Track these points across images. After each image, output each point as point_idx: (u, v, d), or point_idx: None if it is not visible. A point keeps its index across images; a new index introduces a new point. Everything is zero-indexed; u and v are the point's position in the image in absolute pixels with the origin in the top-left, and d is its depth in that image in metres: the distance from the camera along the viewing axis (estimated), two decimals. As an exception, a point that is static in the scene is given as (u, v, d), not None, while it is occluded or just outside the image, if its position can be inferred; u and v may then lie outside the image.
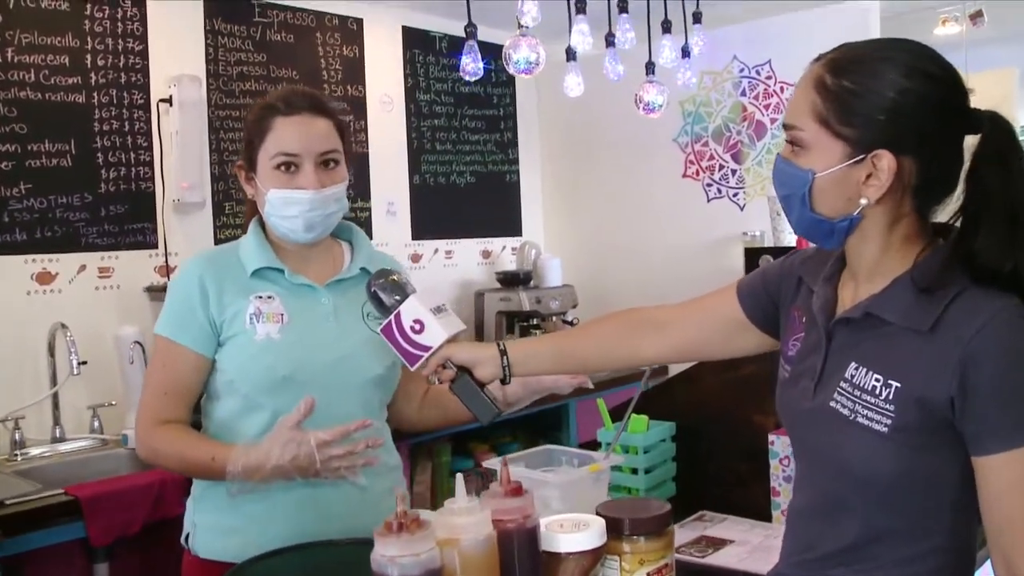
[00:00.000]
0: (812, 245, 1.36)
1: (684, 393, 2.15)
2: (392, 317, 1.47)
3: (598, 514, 1.28)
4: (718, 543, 1.79)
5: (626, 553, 1.26)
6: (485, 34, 3.07)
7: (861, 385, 1.19)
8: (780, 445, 1.92)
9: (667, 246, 4.21)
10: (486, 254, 4.39)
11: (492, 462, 1.76)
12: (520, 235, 4.56)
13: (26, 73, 2.89)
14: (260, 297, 1.68)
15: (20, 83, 2.87)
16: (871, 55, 1.18)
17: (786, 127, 1.23)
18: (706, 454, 2.12)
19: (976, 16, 4.17)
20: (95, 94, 3.05)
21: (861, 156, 1.15)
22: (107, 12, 3.07)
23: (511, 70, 3.00)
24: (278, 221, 1.69)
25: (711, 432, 2.11)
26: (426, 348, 1.46)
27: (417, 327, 1.46)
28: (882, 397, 1.16)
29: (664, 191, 4.23)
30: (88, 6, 3.03)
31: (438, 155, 4.16)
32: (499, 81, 4.42)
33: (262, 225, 1.76)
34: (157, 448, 1.65)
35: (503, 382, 1.52)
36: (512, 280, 4.03)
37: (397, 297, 1.49)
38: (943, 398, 1.12)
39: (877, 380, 1.17)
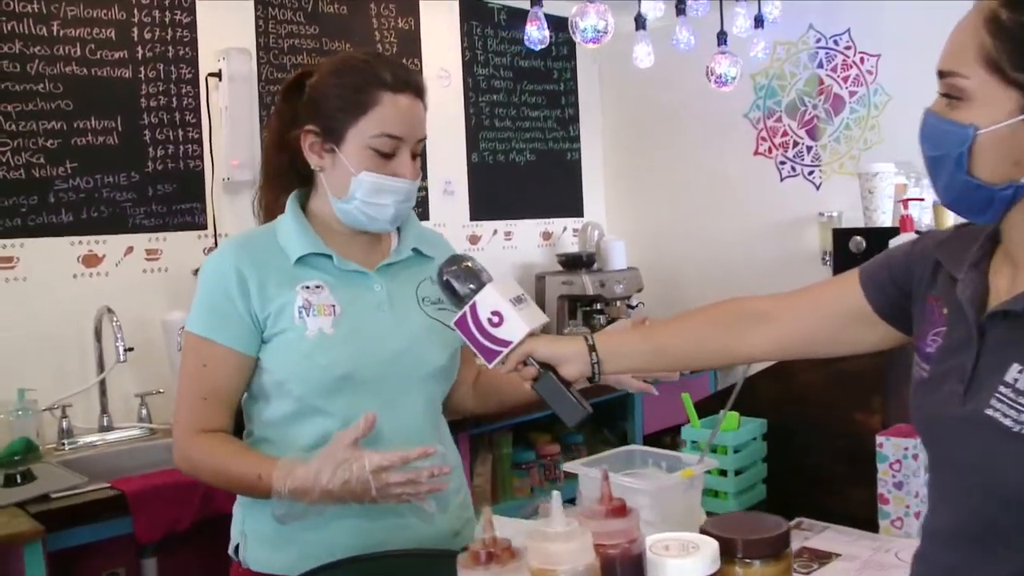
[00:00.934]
0: (949, 223, 1.18)
1: (777, 387, 1.96)
2: (467, 308, 1.30)
3: (706, 533, 1.11)
4: (823, 556, 1.60)
5: (741, 580, 1.09)
6: (547, 5, 2.89)
7: None
8: (890, 448, 1.72)
9: (737, 227, 3.99)
10: (546, 236, 4.21)
11: (572, 465, 1.59)
12: (581, 216, 4.36)
13: (72, 48, 2.76)
14: (308, 287, 1.48)
15: (66, 58, 2.75)
16: None
17: (942, 75, 1.03)
18: (800, 455, 1.93)
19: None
20: (142, 69, 2.92)
21: None
22: (154, -17, 2.94)
23: (578, 39, 2.82)
24: (361, 207, 1.49)
25: (807, 431, 1.92)
26: (506, 343, 1.30)
27: (495, 319, 1.30)
28: None
29: (734, 169, 4.01)
30: (135, -23, 2.90)
31: (497, 132, 3.98)
32: (560, 55, 4.23)
33: (301, 205, 1.57)
34: (196, 460, 1.47)
35: (591, 380, 1.35)
36: (574, 263, 3.85)
37: (472, 286, 1.33)
38: None
39: None
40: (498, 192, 3.99)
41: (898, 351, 1.84)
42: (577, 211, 4.36)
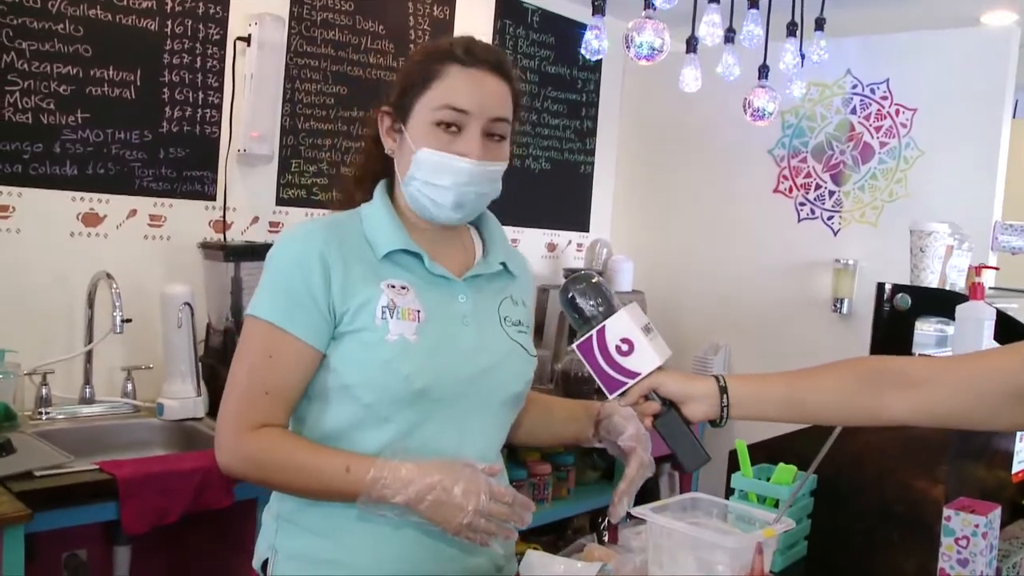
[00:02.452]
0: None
1: (834, 443, 1.86)
2: (594, 332, 1.20)
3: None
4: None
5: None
6: (575, 12, 2.77)
7: None
8: (958, 522, 1.63)
9: (747, 263, 3.91)
10: (551, 247, 4.09)
11: (641, 510, 1.47)
12: (587, 231, 4.25)
13: (98, -11, 2.58)
14: (393, 287, 1.35)
15: (90, 0, 2.57)
16: None
17: None
18: (850, 516, 1.83)
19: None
20: (169, 23, 2.74)
21: None
22: (192, -67, 2.77)
23: (631, 54, 2.71)
24: (421, 188, 1.37)
25: (858, 492, 1.82)
26: (633, 374, 1.23)
27: (624, 347, 1.23)
28: None
29: (750, 204, 3.93)
30: (173, -76, 2.72)
31: (516, 136, 3.85)
32: (586, 65, 4.11)
33: (390, 194, 1.45)
34: (256, 456, 1.30)
35: (715, 424, 1.24)
36: (581, 280, 3.73)
37: (601, 308, 1.21)
38: None
39: None
40: (509, 197, 3.80)
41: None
42: (584, 226, 4.24)
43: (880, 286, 2.48)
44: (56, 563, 2.44)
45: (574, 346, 1.25)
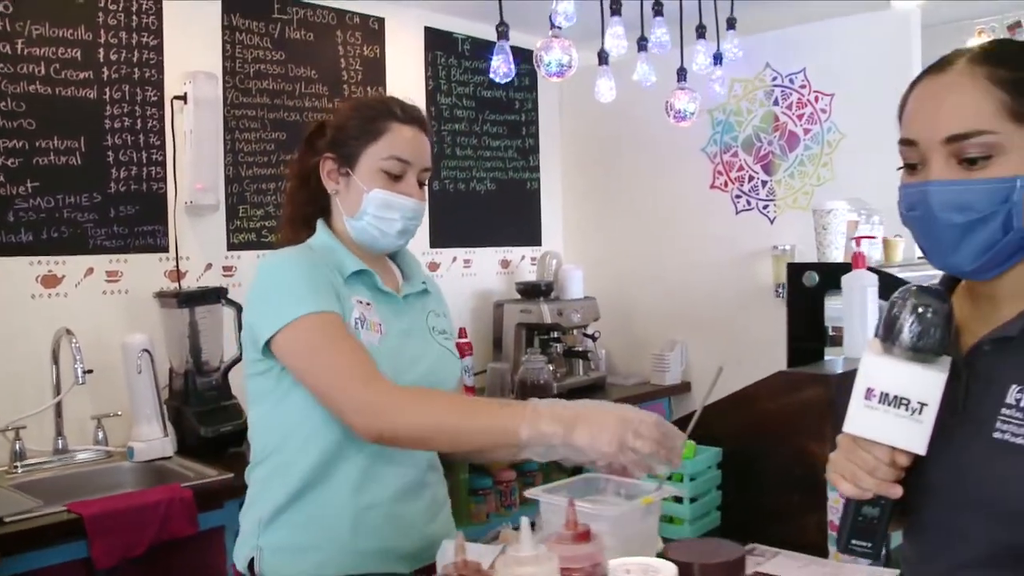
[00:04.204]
0: (898, 259, 1.22)
1: (732, 418, 2.01)
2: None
3: (666, 558, 1.15)
4: (776, 583, 1.65)
5: (700, 603, 1.13)
6: (512, 37, 2.94)
7: None
8: (841, 476, 1.77)
9: (693, 259, 4.07)
10: (505, 264, 4.25)
11: (534, 492, 1.62)
12: (540, 245, 4.41)
13: (35, 66, 2.75)
14: (361, 302, 1.61)
15: (29, 76, 2.74)
16: None
17: (954, 140, 1.04)
18: (755, 483, 1.98)
19: (1015, 26, 4.04)
20: (107, 90, 2.92)
21: None
22: (121, 4, 2.94)
23: (542, 73, 2.87)
24: (371, 222, 1.64)
25: (760, 460, 1.97)
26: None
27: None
28: None
29: (691, 202, 4.09)
30: (102, -2, 2.90)
31: (458, 160, 4.02)
32: (522, 86, 4.29)
33: (329, 227, 1.71)
34: (428, 402, 1.49)
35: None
36: (532, 291, 3.89)
37: (941, 345, 1.05)
38: None
39: None
40: (458, 220, 4.02)
41: (846, 380, 1.91)
42: (535, 240, 4.41)
43: (790, 266, 2.63)
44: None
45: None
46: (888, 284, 2.43)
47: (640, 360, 4.15)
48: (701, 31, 3.37)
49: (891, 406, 1.03)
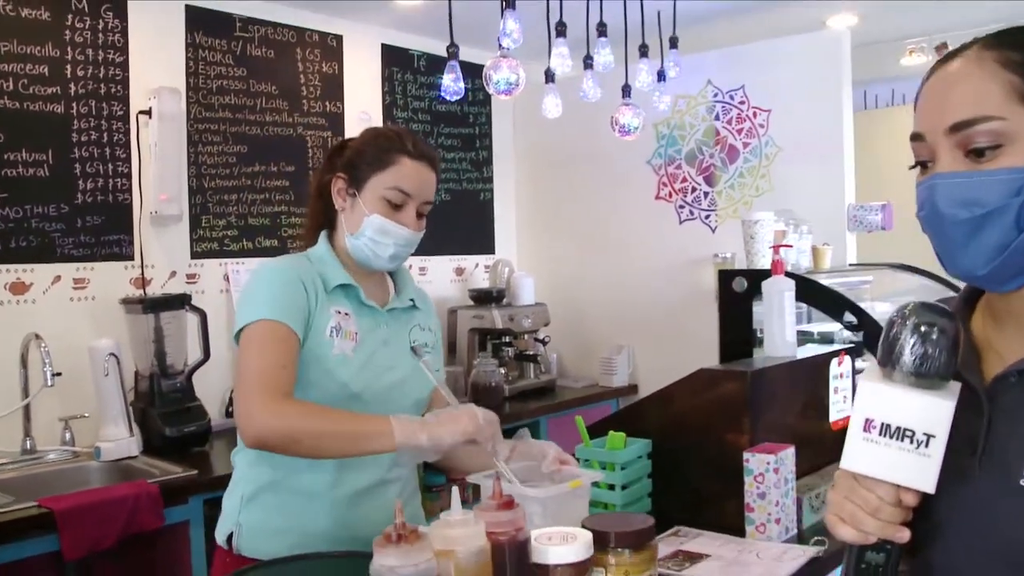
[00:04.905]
0: (826, 266, 1.10)
1: (660, 412, 2.18)
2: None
3: (584, 527, 1.31)
4: (695, 557, 1.83)
5: (611, 565, 1.29)
6: (464, 53, 3.11)
7: None
8: (755, 463, 1.96)
9: (639, 266, 4.26)
10: (459, 271, 4.42)
11: (476, 477, 1.78)
12: (493, 253, 4.59)
13: (4, 82, 2.88)
14: (339, 312, 1.75)
15: (-2, 92, 2.87)
16: None
17: (959, 127, 0.94)
18: (681, 472, 2.15)
19: (941, 47, 4.28)
20: (74, 104, 3.04)
21: None
22: (88, 23, 3.07)
23: (491, 91, 3.03)
24: (367, 243, 1.78)
25: (686, 450, 2.14)
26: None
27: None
28: None
29: (637, 212, 4.29)
30: (69, 16, 3.03)
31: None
32: (475, 100, 4.46)
33: (330, 241, 1.86)
34: (289, 415, 1.59)
35: None
36: (485, 298, 4.06)
37: (947, 369, 0.94)
38: None
39: None
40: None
41: (761, 376, 2.09)
42: (489, 248, 4.58)
43: (722, 272, 2.83)
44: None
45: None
46: (811, 289, 2.64)
47: (589, 363, 4.33)
48: (643, 50, 3.56)
49: (893, 439, 0.92)
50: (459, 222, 4.43)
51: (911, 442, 0.91)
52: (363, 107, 3.99)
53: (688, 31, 3.71)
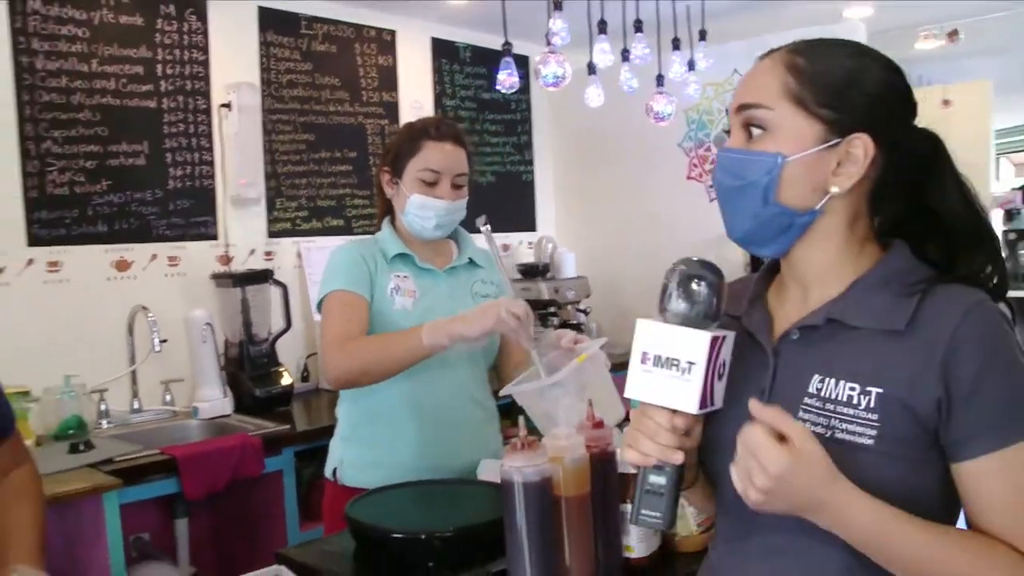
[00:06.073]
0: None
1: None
2: (723, 335, 1.05)
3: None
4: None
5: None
6: (498, 44, 3.43)
7: (833, 397, 1.06)
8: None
9: (673, 241, 4.56)
10: (504, 248, 4.75)
11: (508, 389, 1.88)
12: (535, 230, 4.92)
13: (107, 82, 3.22)
14: (398, 276, 2.11)
15: (102, 91, 3.21)
16: (840, 45, 1.13)
17: (742, 108, 1.11)
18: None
19: (953, 34, 4.56)
20: (164, 100, 3.38)
21: (837, 140, 1.07)
22: (174, 26, 3.41)
23: (540, 83, 3.35)
24: (414, 219, 2.11)
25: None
26: (712, 404, 1.06)
27: (721, 371, 1.07)
28: (861, 406, 1.04)
29: (669, 192, 4.60)
30: (158, 21, 3.36)
31: (463, 157, 4.51)
32: (517, 88, 4.76)
33: (392, 223, 2.20)
34: (354, 352, 1.96)
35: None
36: (532, 271, 4.40)
37: (710, 311, 1.06)
38: (929, 400, 1.02)
39: (852, 389, 1.05)
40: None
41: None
42: (531, 226, 4.91)
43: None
44: (125, 546, 3.05)
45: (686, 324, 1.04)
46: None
47: (627, 331, 4.57)
48: (676, 43, 3.86)
49: (663, 368, 1.04)
50: (503, 201, 4.76)
51: (677, 369, 1.03)
52: (415, 97, 4.31)
53: (714, 24, 4.00)
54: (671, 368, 1.03)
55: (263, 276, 3.40)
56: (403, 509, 1.76)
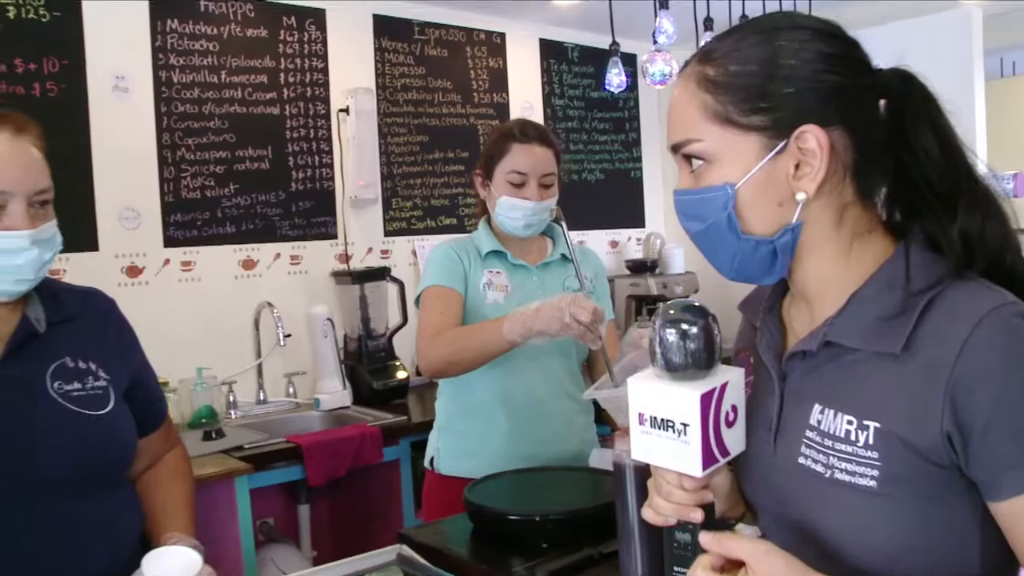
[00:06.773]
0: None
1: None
2: (719, 385, 0.96)
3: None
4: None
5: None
6: (605, 43, 3.48)
7: (831, 432, 0.96)
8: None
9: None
10: (613, 244, 4.80)
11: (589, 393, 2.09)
12: (643, 227, 4.94)
13: (235, 91, 3.41)
14: (491, 271, 2.19)
15: (230, 100, 3.40)
16: (746, 33, 0.99)
17: (675, 148, 1.02)
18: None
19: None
20: (287, 107, 3.56)
21: (783, 142, 0.94)
22: (296, 36, 3.58)
23: (647, 82, 3.40)
24: (504, 219, 2.18)
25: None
26: (725, 452, 0.99)
27: (731, 417, 0.99)
28: (860, 443, 0.93)
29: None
30: (281, 32, 3.54)
31: (571, 154, 4.58)
32: (625, 87, 4.80)
33: (488, 222, 2.28)
34: (443, 344, 2.03)
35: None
36: (640, 267, 4.43)
37: (699, 361, 0.96)
38: (935, 436, 0.88)
39: (849, 423, 0.94)
40: (573, 206, 4.55)
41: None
42: (639, 222, 4.94)
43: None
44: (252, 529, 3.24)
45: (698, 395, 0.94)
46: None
47: (734, 327, 4.60)
48: (786, 36, 3.84)
49: (660, 429, 0.96)
50: (612, 198, 4.80)
51: (673, 431, 0.95)
52: (525, 97, 4.40)
53: (825, 15, 3.94)
54: (668, 430, 0.96)
55: (380, 273, 3.54)
56: (516, 494, 1.84)
